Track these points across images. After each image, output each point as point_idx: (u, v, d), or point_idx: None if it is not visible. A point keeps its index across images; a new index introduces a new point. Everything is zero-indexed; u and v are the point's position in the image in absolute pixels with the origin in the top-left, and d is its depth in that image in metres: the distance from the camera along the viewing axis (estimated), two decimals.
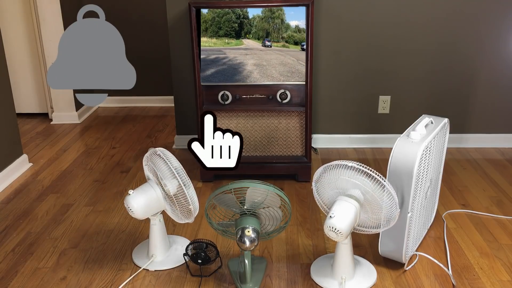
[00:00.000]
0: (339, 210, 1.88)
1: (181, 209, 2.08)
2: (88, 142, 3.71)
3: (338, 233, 1.85)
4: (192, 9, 2.65)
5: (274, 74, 2.75)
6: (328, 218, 1.87)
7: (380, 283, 2.06)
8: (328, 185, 1.98)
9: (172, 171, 2.01)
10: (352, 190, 1.93)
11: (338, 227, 1.85)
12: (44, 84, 4.15)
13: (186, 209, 2.06)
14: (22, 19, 4.00)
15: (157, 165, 2.06)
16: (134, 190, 2.08)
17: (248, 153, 2.95)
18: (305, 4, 2.62)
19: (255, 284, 2.03)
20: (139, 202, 2.05)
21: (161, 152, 2.05)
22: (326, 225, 1.87)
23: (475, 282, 2.05)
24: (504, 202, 2.70)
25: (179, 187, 2.03)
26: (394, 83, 3.35)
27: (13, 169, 3.10)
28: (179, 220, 2.15)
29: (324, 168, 1.96)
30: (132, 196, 2.05)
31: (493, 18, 3.19)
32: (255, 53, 2.75)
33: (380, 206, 1.90)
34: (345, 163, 1.90)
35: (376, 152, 3.40)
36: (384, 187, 1.86)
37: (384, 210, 1.90)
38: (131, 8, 4.31)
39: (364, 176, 1.88)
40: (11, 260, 2.26)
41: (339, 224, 1.85)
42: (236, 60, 2.77)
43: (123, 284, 2.08)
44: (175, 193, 2.05)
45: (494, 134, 3.45)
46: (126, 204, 2.05)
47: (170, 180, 2.05)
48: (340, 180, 1.93)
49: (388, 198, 1.87)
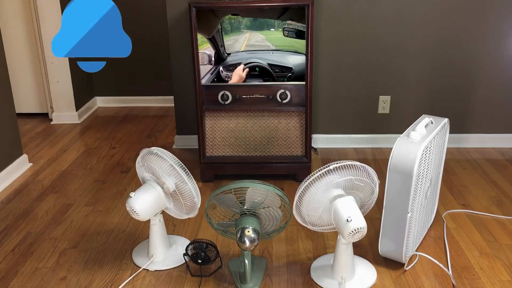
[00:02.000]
0: (349, 210, 1.87)
1: (185, 202, 2.08)
2: (88, 142, 3.71)
3: (361, 230, 1.84)
4: (192, 9, 2.65)
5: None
6: (347, 222, 1.83)
7: (380, 283, 2.06)
8: (312, 204, 1.96)
9: (172, 165, 2.02)
10: (334, 192, 1.93)
11: (359, 226, 1.83)
12: (44, 84, 4.15)
13: (191, 201, 2.08)
14: (22, 19, 4.00)
15: (155, 164, 2.06)
16: (135, 192, 2.07)
17: (248, 153, 2.95)
18: (305, 4, 2.62)
19: (255, 284, 2.03)
20: (142, 203, 2.05)
21: (158, 150, 2.06)
22: (348, 231, 1.83)
23: (475, 282, 2.05)
24: (504, 202, 2.70)
25: (180, 181, 2.04)
26: (394, 83, 3.35)
27: (13, 169, 3.10)
28: (183, 215, 2.16)
29: (297, 199, 1.94)
30: (134, 198, 2.05)
31: (493, 18, 3.19)
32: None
33: (360, 186, 1.93)
34: (307, 182, 1.90)
35: (376, 152, 3.40)
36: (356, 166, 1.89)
37: (370, 186, 1.94)
38: (131, 8, 4.31)
39: (328, 177, 1.90)
40: (11, 260, 2.26)
41: (359, 222, 1.84)
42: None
43: (123, 284, 2.08)
44: (177, 187, 2.06)
45: (494, 134, 3.45)
46: (129, 206, 2.05)
47: (170, 176, 2.06)
48: (320, 193, 1.92)
49: (366, 177, 1.91)
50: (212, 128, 2.92)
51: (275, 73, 2.79)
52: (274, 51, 2.75)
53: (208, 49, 2.75)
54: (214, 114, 2.89)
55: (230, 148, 2.95)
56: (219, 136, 2.93)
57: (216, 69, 2.79)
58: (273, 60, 2.77)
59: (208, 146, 2.95)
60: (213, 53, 2.77)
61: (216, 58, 2.78)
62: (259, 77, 2.81)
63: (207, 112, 2.88)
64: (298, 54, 2.73)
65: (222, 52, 2.75)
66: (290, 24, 2.68)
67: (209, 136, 2.93)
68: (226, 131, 2.92)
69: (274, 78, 2.80)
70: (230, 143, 2.94)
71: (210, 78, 2.81)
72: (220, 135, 2.93)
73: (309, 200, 1.93)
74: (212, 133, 2.92)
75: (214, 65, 2.79)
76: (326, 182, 1.90)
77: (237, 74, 2.77)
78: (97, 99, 4.62)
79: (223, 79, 2.81)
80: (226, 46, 2.74)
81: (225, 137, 2.93)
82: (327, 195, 1.93)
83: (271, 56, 2.77)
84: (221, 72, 2.79)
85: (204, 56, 2.76)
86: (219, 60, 2.79)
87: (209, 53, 2.76)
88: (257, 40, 2.72)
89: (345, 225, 1.84)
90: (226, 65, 2.79)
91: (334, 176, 1.90)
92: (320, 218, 1.99)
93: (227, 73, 2.79)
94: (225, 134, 2.92)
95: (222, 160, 2.95)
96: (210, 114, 2.89)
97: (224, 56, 2.77)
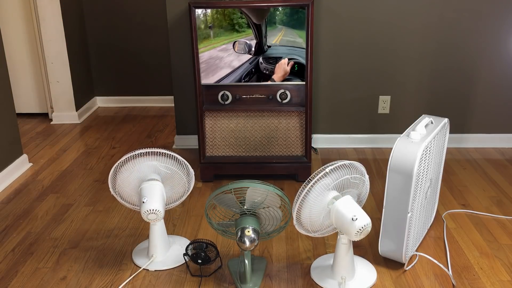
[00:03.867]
0: (352, 210, 1.87)
1: (183, 172, 2.17)
2: (88, 142, 3.71)
3: (367, 227, 1.84)
4: (192, 9, 2.65)
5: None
6: (352, 221, 1.83)
7: (380, 283, 2.06)
8: (316, 217, 1.95)
9: (154, 166, 2.12)
10: (329, 195, 1.93)
11: (364, 224, 1.84)
12: (44, 84, 4.15)
13: (187, 172, 2.17)
14: (22, 19, 4.00)
15: (139, 167, 2.13)
16: (143, 196, 2.07)
17: (248, 153, 2.95)
18: (305, 4, 2.62)
19: (255, 284, 2.03)
20: (157, 202, 2.06)
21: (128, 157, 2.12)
22: (355, 230, 1.83)
23: (475, 282, 2.05)
24: (504, 202, 2.70)
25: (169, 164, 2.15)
26: (394, 83, 3.35)
27: (13, 169, 3.10)
28: (185, 191, 2.22)
29: (297, 208, 1.92)
30: (149, 201, 2.05)
31: (493, 18, 3.19)
32: None
33: (355, 183, 1.95)
34: (300, 197, 1.90)
35: (376, 152, 3.40)
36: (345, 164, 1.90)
37: (362, 180, 1.96)
38: (131, 8, 4.31)
39: (321, 182, 1.89)
40: (11, 260, 2.26)
41: (364, 219, 1.84)
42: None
43: (123, 284, 2.08)
44: (169, 170, 2.15)
45: (494, 134, 3.45)
46: (148, 210, 2.03)
47: (157, 170, 2.15)
48: (317, 199, 1.91)
49: (356, 171, 1.92)
50: (212, 128, 2.92)
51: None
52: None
53: (247, 39, 2.67)
54: (214, 114, 2.89)
55: (230, 148, 2.95)
56: (219, 136, 2.93)
57: (256, 59, 2.73)
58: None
59: (208, 146, 2.95)
60: (254, 43, 2.69)
61: (257, 49, 2.71)
62: (296, 75, 2.76)
63: (207, 112, 2.88)
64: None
65: (264, 43, 2.68)
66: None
67: (209, 136, 2.93)
68: (226, 131, 2.92)
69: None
70: (230, 143, 2.94)
71: (248, 68, 2.75)
72: (220, 135, 2.93)
73: (310, 211, 1.92)
74: (212, 133, 2.92)
75: (254, 55, 2.72)
76: (320, 189, 1.89)
77: (281, 69, 2.69)
78: (97, 99, 4.63)
79: (261, 70, 2.74)
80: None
81: (225, 137, 2.93)
82: (324, 200, 1.92)
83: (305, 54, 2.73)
84: (260, 63, 2.72)
85: (242, 44, 2.69)
86: (259, 51, 2.72)
87: (249, 42, 2.69)
88: (291, 36, 2.65)
89: (350, 225, 1.84)
90: (266, 57, 2.72)
91: (327, 180, 1.89)
92: (321, 224, 1.99)
93: (267, 65, 2.72)
94: (225, 134, 2.92)
95: (222, 160, 2.95)
96: (210, 114, 2.89)
97: (265, 48, 2.71)
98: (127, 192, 2.19)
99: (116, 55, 4.46)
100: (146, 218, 2.05)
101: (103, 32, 4.39)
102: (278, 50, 2.72)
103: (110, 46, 4.44)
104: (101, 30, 4.39)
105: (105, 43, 4.42)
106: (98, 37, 4.41)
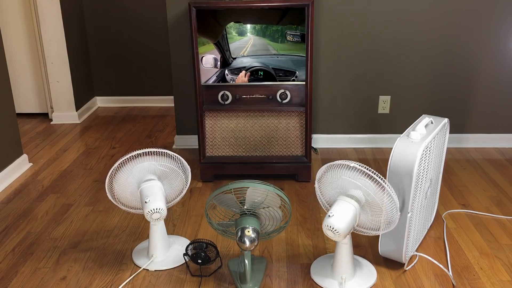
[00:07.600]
0: (338, 209, 1.88)
1: (178, 167, 2.18)
2: (88, 142, 3.71)
3: (336, 232, 1.85)
4: (192, 9, 2.65)
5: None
6: (327, 217, 1.87)
7: (380, 283, 2.06)
8: (330, 184, 1.98)
9: (148, 166, 2.12)
10: (353, 191, 1.93)
11: (336, 227, 1.85)
12: (44, 84, 4.15)
13: (181, 166, 2.19)
14: (22, 19, 4.00)
15: (133, 171, 2.13)
16: (145, 197, 2.08)
17: (248, 153, 2.95)
18: (305, 4, 2.62)
19: (255, 284, 2.03)
20: (160, 201, 2.07)
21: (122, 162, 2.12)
22: (324, 224, 1.87)
23: (475, 282, 2.05)
24: (504, 202, 2.70)
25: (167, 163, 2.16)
26: (394, 83, 3.35)
27: (13, 169, 3.10)
28: (184, 185, 2.23)
29: (326, 167, 1.96)
30: (152, 200, 2.06)
31: (493, 18, 3.19)
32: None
33: (380, 208, 1.90)
34: (348, 163, 1.90)
35: (376, 152, 3.40)
36: (385, 189, 1.86)
37: (384, 213, 1.90)
38: (131, 8, 4.31)
39: (366, 177, 1.88)
40: (11, 260, 2.26)
41: (337, 223, 1.85)
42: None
43: (123, 284, 2.08)
44: (164, 167, 2.16)
45: (494, 134, 3.45)
46: (152, 209, 2.04)
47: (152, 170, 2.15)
48: (341, 180, 1.93)
49: (388, 201, 1.87)
50: (212, 128, 2.92)
51: (279, 77, 2.79)
52: (279, 55, 2.75)
53: (215, 53, 2.77)
54: (214, 114, 2.89)
55: (230, 148, 2.95)
56: (219, 136, 2.93)
57: (221, 72, 2.80)
58: (276, 64, 2.78)
59: (208, 146, 2.95)
60: (219, 57, 2.78)
61: (222, 62, 2.79)
62: (263, 81, 2.82)
63: (207, 112, 2.88)
64: (302, 58, 2.74)
65: (228, 57, 2.77)
66: (294, 28, 2.69)
67: (209, 136, 2.93)
68: (226, 131, 2.92)
69: (276, 81, 2.82)
70: (230, 143, 2.94)
71: (215, 81, 2.82)
72: (220, 135, 2.93)
73: (335, 175, 1.94)
74: (212, 133, 2.92)
75: (220, 68, 2.80)
76: (358, 179, 1.90)
77: (240, 81, 2.80)
78: (97, 99, 4.63)
79: (228, 82, 2.83)
80: (232, 51, 2.75)
81: (225, 137, 2.93)
82: (346, 186, 1.93)
83: (276, 60, 2.77)
84: (226, 75, 2.81)
85: (210, 59, 2.78)
86: (225, 64, 2.79)
87: (216, 56, 2.78)
88: (260, 44, 2.73)
89: (326, 217, 1.88)
90: (231, 68, 2.80)
91: (368, 183, 1.88)
92: (327, 193, 2.01)
93: (232, 76, 2.81)
94: (225, 134, 2.92)
95: (222, 160, 2.95)
96: (210, 114, 2.89)
97: (229, 61, 2.78)
98: (127, 197, 2.19)
99: (116, 55, 4.46)
100: (150, 218, 2.05)
101: (103, 32, 4.39)
102: (242, 60, 2.79)
103: (110, 46, 4.44)
104: (101, 30, 4.39)
105: (105, 43, 4.42)
106: (98, 37, 4.41)
